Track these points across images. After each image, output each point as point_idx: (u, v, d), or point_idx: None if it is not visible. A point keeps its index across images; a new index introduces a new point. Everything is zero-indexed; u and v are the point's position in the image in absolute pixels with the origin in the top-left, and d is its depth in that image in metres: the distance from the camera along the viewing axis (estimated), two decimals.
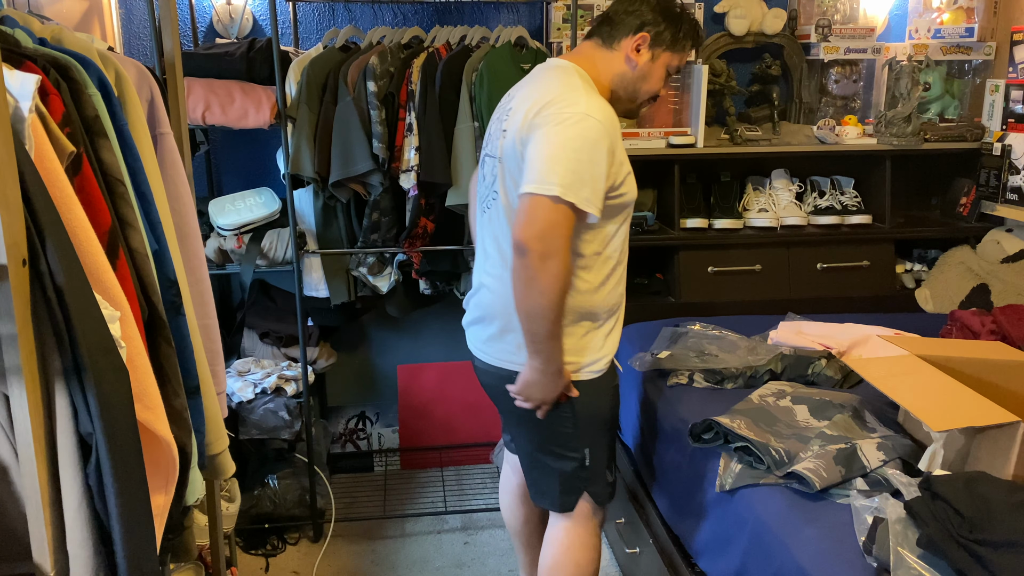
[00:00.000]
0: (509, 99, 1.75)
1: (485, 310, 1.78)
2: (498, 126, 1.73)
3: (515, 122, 1.64)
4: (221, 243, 2.55)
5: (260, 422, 2.49)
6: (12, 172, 0.87)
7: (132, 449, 0.97)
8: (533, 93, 1.65)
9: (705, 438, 1.84)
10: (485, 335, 1.79)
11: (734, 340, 2.28)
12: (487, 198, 1.76)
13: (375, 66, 2.33)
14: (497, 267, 1.73)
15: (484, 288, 1.78)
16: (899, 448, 1.62)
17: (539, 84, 1.69)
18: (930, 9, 2.93)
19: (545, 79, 1.69)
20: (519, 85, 1.77)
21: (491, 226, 1.75)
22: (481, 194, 1.81)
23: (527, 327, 1.62)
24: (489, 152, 1.77)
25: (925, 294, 2.82)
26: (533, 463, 1.85)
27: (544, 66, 1.76)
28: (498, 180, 1.70)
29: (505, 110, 1.73)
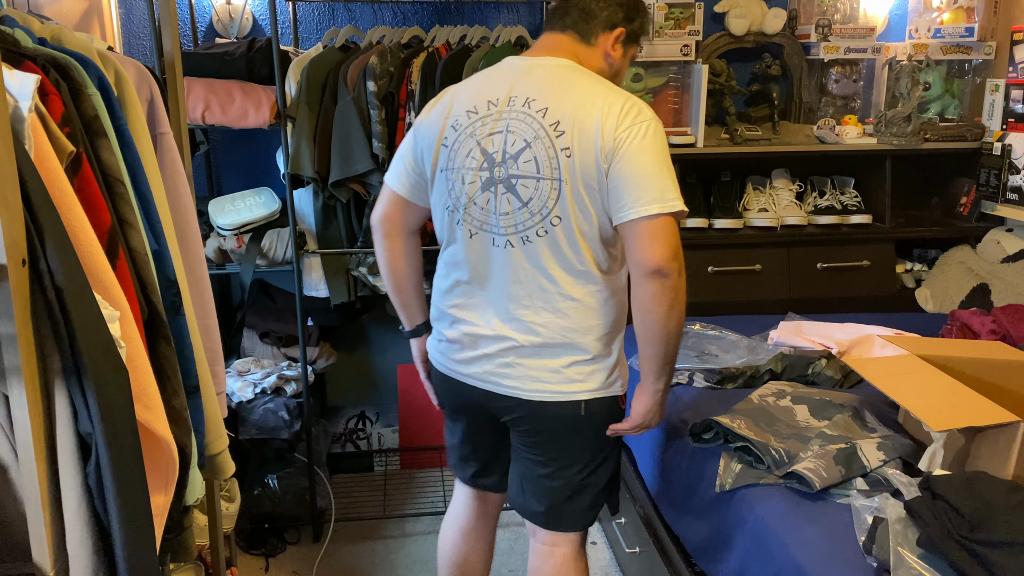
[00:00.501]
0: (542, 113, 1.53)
1: (542, 346, 1.61)
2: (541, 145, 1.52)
3: (586, 139, 1.49)
4: (221, 243, 2.55)
5: (260, 422, 2.49)
6: (12, 172, 0.86)
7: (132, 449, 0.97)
8: (583, 103, 1.51)
9: (705, 438, 1.84)
10: (544, 372, 1.63)
11: (734, 340, 2.28)
12: (525, 227, 1.56)
13: (375, 66, 2.33)
14: (548, 300, 1.59)
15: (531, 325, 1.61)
16: (899, 448, 1.62)
17: (577, 92, 1.53)
18: (930, 9, 2.93)
19: (579, 84, 1.55)
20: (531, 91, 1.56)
21: (536, 256, 1.57)
22: (508, 223, 1.57)
23: (664, 350, 1.58)
24: (525, 173, 1.54)
25: (925, 294, 2.82)
26: (577, 489, 1.73)
27: (554, 66, 1.59)
28: (565, 204, 1.52)
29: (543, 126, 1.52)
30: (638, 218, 1.48)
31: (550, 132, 1.52)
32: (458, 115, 1.60)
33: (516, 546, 2.61)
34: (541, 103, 1.54)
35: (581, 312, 1.59)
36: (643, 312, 1.55)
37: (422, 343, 1.86)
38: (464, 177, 1.59)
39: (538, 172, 1.53)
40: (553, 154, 1.52)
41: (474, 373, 1.69)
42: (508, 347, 1.63)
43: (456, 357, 1.71)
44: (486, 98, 1.59)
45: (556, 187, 1.53)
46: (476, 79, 1.67)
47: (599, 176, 1.50)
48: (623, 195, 1.49)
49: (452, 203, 1.63)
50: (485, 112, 1.58)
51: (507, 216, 1.57)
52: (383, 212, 1.75)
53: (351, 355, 3.14)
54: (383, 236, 1.76)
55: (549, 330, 1.60)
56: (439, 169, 1.63)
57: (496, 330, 1.63)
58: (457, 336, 1.70)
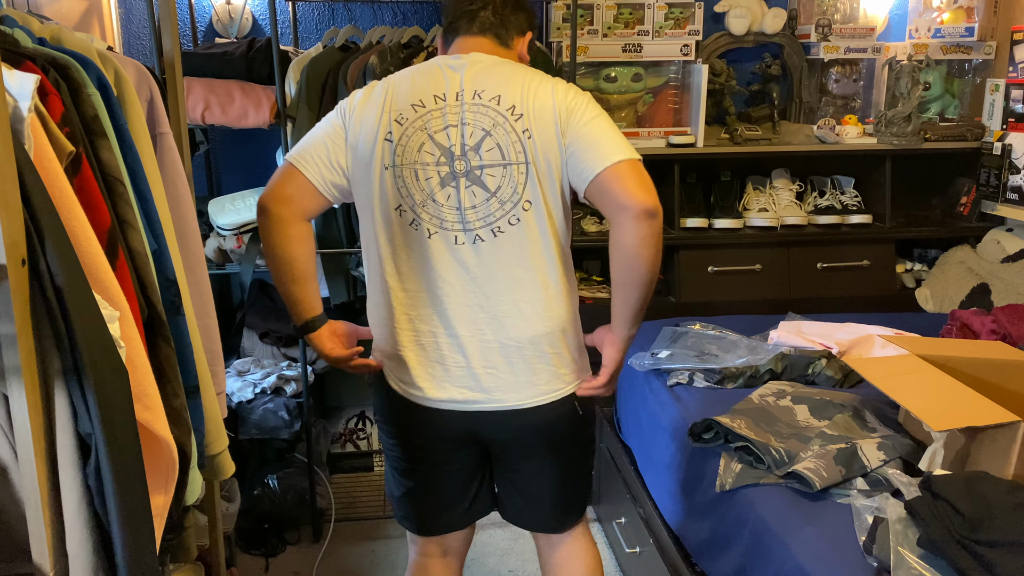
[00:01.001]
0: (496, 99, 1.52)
1: (531, 344, 1.56)
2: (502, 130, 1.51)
3: (542, 119, 1.50)
4: (221, 243, 2.55)
5: (260, 422, 2.49)
6: (11, 172, 0.86)
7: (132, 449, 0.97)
8: (530, 86, 1.53)
9: (705, 438, 1.84)
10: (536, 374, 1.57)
11: (734, 340, 2.28)
12: (493, 219, 1.52)
13: (375, 65, 2.33)
14: (532, 294, 1.55)
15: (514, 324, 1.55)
16: (899, 448, 1.62)
17: (520, 79, 1.54)
18: (930, 8, 2.93)
19: (519, 73, 1.55)
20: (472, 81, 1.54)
21: (514, 249, 1.53)
22: (473, 217, 1.52)
23: (646, 294, 1.53)
24: (489, 162, 1.51)
25: (925, 294, 2.82)
26: (579, 479, 1.73)
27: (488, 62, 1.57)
28: (535, 188, 1.51)
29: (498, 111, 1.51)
30: (617, 161, 1.46)
31: (508, 117, 1.51)
32: (402, 109, 1.52)
33: (516, 546, 2.61)
34: (491, 92, 1.53)
35: (558, 297, 1.57)
36: (631, 257, 1.49)
37: (326, 334, 1.65)
38: (417, 172, 1.52)
39: (504, 158, 1.51)
40: (515, 138, 1.51)
41: (455, 397, 1.57)
42: (492, 354, 1.55)
43: (429, 383, 1.58)
44: (431, 93, 1.53)
45: (524, 170, 1.51)
46: (409, 76, 1.58)
47: (559, 150, 1.51)
48: (590, 152, 1.48)
49: (403, 201, 1.53)
50: (433, 106, 1.53)
51: (473, 209, 1.52)
52: (284, 192, 1.54)
53: None
54: (280, 219, 1.54)
55: (531, 323, 1.55)
56: (383, 166, 1.52)
57: (475, 337, 1.55)
58: (425, 357, 1.57)
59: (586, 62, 2.71)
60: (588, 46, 2.68)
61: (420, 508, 1.74)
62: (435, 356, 1.57)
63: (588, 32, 2.69)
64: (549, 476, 1.69)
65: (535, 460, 1.67)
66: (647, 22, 2.72)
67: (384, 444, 1.74)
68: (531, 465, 1.68)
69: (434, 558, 1.78)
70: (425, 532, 1.76)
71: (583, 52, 2.67)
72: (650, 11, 2.71)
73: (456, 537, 1.78)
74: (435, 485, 1.70)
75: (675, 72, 2.82)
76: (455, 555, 1.81)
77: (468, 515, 1.76)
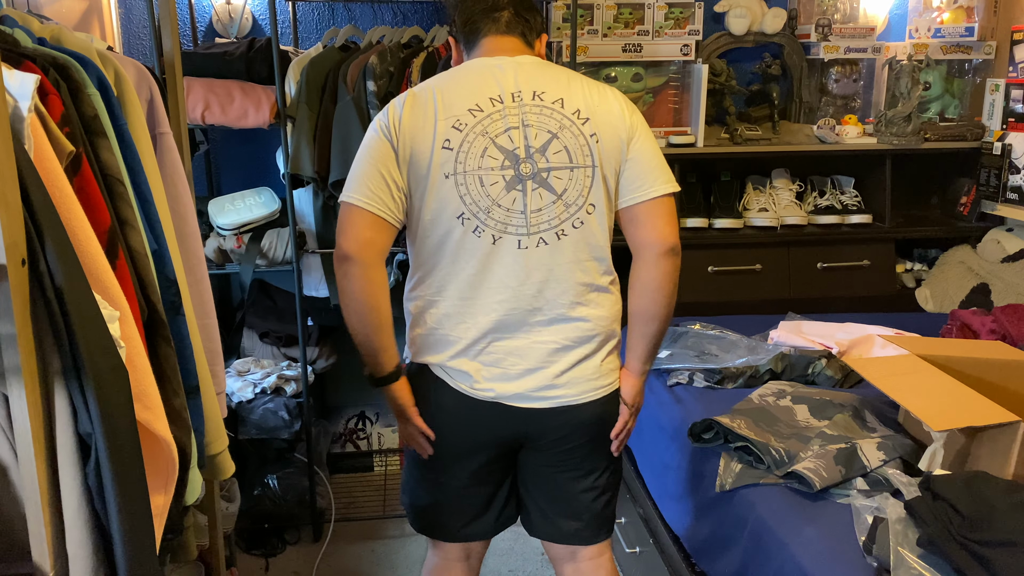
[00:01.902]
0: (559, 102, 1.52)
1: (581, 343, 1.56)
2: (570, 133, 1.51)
3: (608, 125, 1.52)
4: (221, 243, 2.55)
5: (260, 422, 2.49)
6: (11, 172, 0.86)
7: (131, 449, 0.97)
8: (591, 93, 1.55)
9: (705, 438, 1.84)
10: (586, 371, 1.58)
11: (734, 340, 2.28)
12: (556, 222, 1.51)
13: (375, 65, 2.33)
14: (583, 294, 1.55)
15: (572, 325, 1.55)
16: (899, 448, 1.62)
17: (577, 83, 1.56)
18: (930, 8, 2.93)
19: (572, 77, 1.57)
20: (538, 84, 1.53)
21: (572, 250, 1.53)
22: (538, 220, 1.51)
23: (664, 328, 1.62)
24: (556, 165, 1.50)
25: (925, 294, 2.82)
26: (610, 489, 1.71)
27: (534, 62, 1.57)
28: (598, 192, 1.52)
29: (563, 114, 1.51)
30: (658, 196, 1.54)
31: (575, 120, 1.52)
32: (458, 114, 1.48)
33: (516, 546, 2.61)
34: (553, 94, 1.53)
35: (611, 300, 1.61)
36: (653, 292, 1.56)
37: (406, 384, 1.61)
38: (482, 179, 1.48)
39: (571, 161, 1.51)
40: (583, 141, 1.52)
41: (515, 393, 1.55)
42: (552, 355, 1.55)
43: (487, 380, 1.55)
44: (486, 95, 1.50)
45: (590, 174, 1.52)
46: (457, 79, 1.55)
47: (622, 159, 1.55)
48: (641, 175, 1.54)
49: (466, 209, 1.49)
50: (491, 109, 1.50)
51: (539, 212, 1.50)
52: (364, 239, 1.48)
53: (351, 355, 3.12)
54: (364, 267, 1.48)
55: (590, 324, 1.56)
56: (443, 175, 1.48)
57: (535, 340, 1.54)
58: (486, 357, 1.55)
59: (586, 62, 2.71)
60: (588, 46, 2.68)
61: (448, 518, 1.70)
62: (494, 359, 1.55)
63: (588, 32, 2.69)
64: (588, 481, 1.66)
65: (569, 459, 1.64)
66: (647, 22, 2.72)
67: (414, 458, 1.68)
68: (563, 466, 1.64)
69: (457, 562, 1.76)
70: (451, 539, 1.73)
71: (583, 52, 2.67)
72: (650, 11, 2.71)
73: (482, 543, 1.78)
74: (468, 493, 1.67)
75: (675, 72, 2.82)
76: (476, 557, 1.79)
77: (498, 524, 1.73)
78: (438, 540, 1.75)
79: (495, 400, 1.56)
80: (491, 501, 1.69)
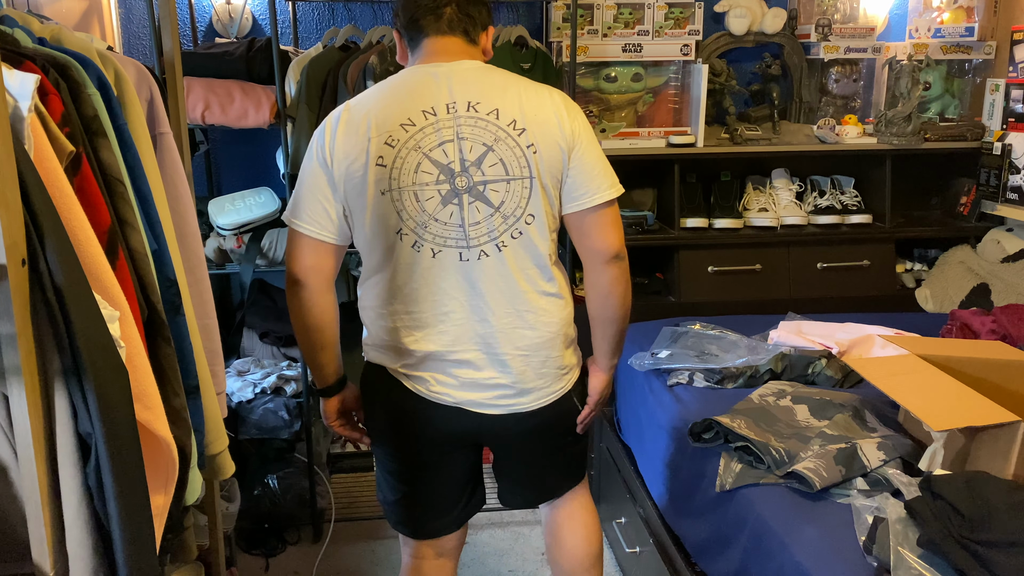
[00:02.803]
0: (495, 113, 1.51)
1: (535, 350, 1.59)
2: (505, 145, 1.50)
3: (548, 135, 1.51)
4: (221, 243, 2.55)
5: (260, 422, 2.49)
6: (12, 172, 0.86)
7: (132, 449, 0.97)
8: (532, 99, 1.53)
9: (705, 438, 1.84)
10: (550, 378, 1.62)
11: (734, 340, 2.28)
12: (496, 234, 1.53)
13: (375, 65, 2.33)
14: (531, 303, 1.57)
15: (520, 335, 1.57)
16: (899, 448, 1.62)
17: (514, 90, 1.53)
18: (930, 8, 2.93)
19: (509, 83, 1.55)
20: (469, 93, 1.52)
21: (515, 261, 1.54)
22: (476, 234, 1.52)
23: (622, 328, 1.67)
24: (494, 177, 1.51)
25: (925, 294, 2.82)
26: (575, 455, 1.81)
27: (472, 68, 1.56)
28: (538, 201, 1.53)
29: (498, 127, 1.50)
30: (601, 203, 1.55)
31: (511, 132, 1.51)
32: (390, 130, 1.48)
33: (516, 546, 2.61)
34: (488, 105, 1.51)
35: (559, 304, 1.62)
36: (604, 296, 1.62)
37: (340, 399, 1.71)
38: (417, 194, 1.49)
39: (507, 174, 1.51)
40: (520, 152, 1.51)
41: (470, 400, 1.60)
42: (503, 364, 1.58)
43: (442, 386, 1.59)
44: (419, 108, 1.50)
45: (528, 185, 1.53)
46: (390, 91, 1.54)
47: (563, 168, 1.55)
48: (583, 183, 1.55)
49: (403, 225, 1.51)
50: (424, 122, 1.49)
51: (477, 225, 1.52)
52: (310, 264, 1.54)
53: (351, 355, 3.13)
54: (312, 291, 1.55)
55: (538, 332, 1.58)
56: (379, 192, 1.49)
57: (485, 350, 1.57)
58: (439, 366, 1.58)
59: (586, 62, 2.71)
60: (588, 46, 2.68)
61: (414, 512, 1.74)
62: (443, 368, 1.59)
63: (588, 32, 2.69)
64: (548, 462, 1.77)
65: (536, 454, 1.73)
66: (647, 22, 2.72)
67: (377, 453, 1.74)
68: (531, 459, 1.75)
69: (428, 560, 1.79)
70: (420, 536, 1.77)
71: (583, 52, 2.67)
72: (650, 11, 2.71)
73: (450, 539, 1.79)
74: (429, 489, 1.71)
75: (675, 72, 2.82)
76: (449, 556, 1.81)
77: (461, 516, 1.78)
78: (408, 538, 1.79)
79: (452, 404, 1.61)
80: (454, 494, 1.74)
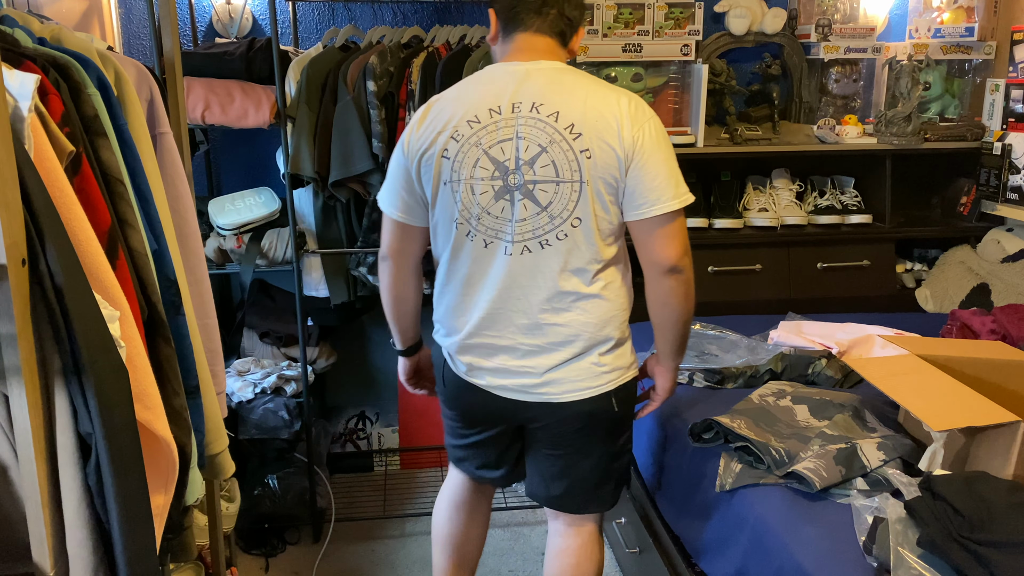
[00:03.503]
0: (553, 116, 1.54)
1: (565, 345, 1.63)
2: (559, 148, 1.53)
3: (602, 140, 1.52)
4: (221, 243, 2.55)
5: (260, 422, 2.49)
6: (12, 172, 0.86)
7: (132, 449, 0.97)
8: (594, 104, 1.54)
9: (705, 438, 1.84)
10: (574, 372, 1.65)
11: (734, 340, 2.28)
12: (540, 232, 1.57)
13: (375, 65, 2.33)
14: (566, 302, 1.61)
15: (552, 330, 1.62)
16: (899, 448, 1.62)
17: (581, 94, 1.55)
18: (930, 8, 2.93)
19: (580, 86, 1.56)
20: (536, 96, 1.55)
21: (552, 260, 1.58)
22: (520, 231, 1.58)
23: (683, 332, 1.68)
24: (543, 178, 1.55)
25: (925, 294, 2.82)
26: (605, 475, 1.77)
27: (550, 69, 1.59)
28: (586, 206, 1.55)
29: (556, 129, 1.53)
30: (658, 215, 1.55)
31: (566, 135, 1.54)
32: (458, 126, 1.57)
33: (516, 546, 2.61)
34: (550, 107, 1.55)
35: (602, 306, 1.63)
36: (661, 306, 1.64)
37: (414, 361, 1.92)
38: (473, 188, 1.57)
39: (557, 176, 1.55)
40: (572, 157, 1.54)
41: (501, 385, 1.68)
42: (534, 355, 1.64)
43: (479, 370, 1.69)
44: (487, 106, 1.56)
45: (577, 189, 1.55)
46: (467, 88, 1.62)
47: (620, 175, 1.55)
48: (643, 193, 1.55)
49: (460, 215, 1.60)
50: (488, 120, 1.56)
51: (523, 222, 1.57)
52: (395, 246, 1.72)
53: (351, 355, 3.14)
54: (396, 268, 1.75)
55: (572, 329, 1.62)
56: (442, 182, 1.60)
57: (519, 340, 1.64)
58: (478, 350, 1.68)
59: (586, 62, 2.71)
60: (588, 46, 2.68)
61: (464, 462, 1.90)
62: (481, 353, 1.68)
63: (588, 32, 2.69)
64: (574, 462, 1.75)
65: (564, 446, 1.73)
66: (647, 22, 2.72)
67: (443, 414, 1.89)
68: (559, 450, 1.74)
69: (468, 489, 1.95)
70: (468, 475, 1.92)
71: (583, 52, 2.67)
72: (650, 11, 2.71)
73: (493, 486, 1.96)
74: (476, 451, 1.85)
75: (675, 72, 2.82)
76: (486, 495, 1.98)
77: (507, 478, 1.89)
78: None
79: (486, 388, 1.70)
80: (500, 460, 1.85)
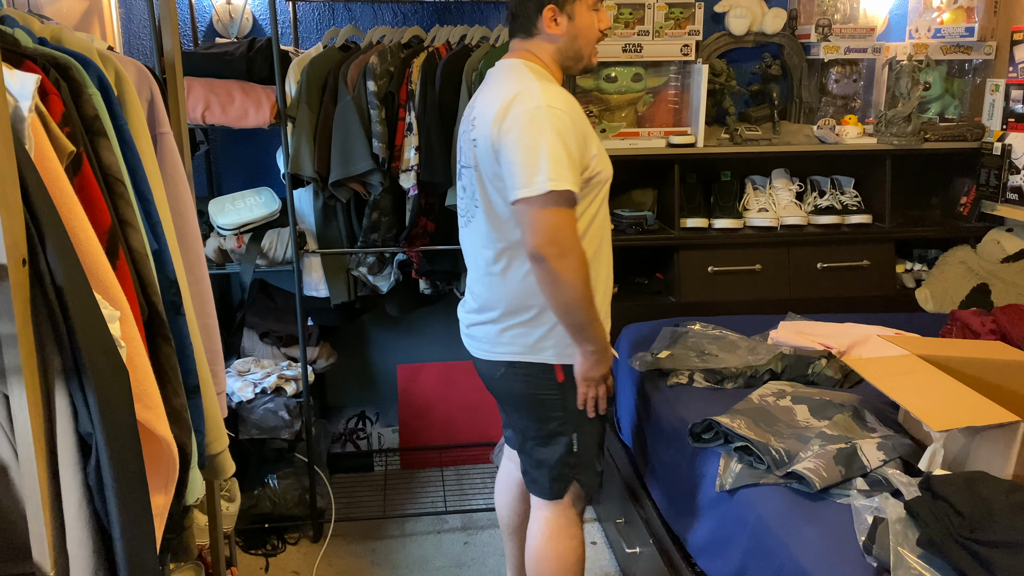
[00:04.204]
0: (471, 109, 1.78)
1: (479, 311, 1.84)
2: (467, 138, 1.76)
3: (483, 131, 1.68)
4: (221, 243, 2.55)
5: (260, 422, 2.49)
6: (12, 172, 0.86)
7: (132, 449, 0.97)
8: (491, 98, 1.68)
9: (705, 438, 1.84)
10: (480, 333, 1.85)
11: (734, 340, 2.28)
12: (468, 210, 1.81)
13: (375, 65, 2.33)
14: (481, 273, 1.81)
15: (473, 294, 1.86)
16: (899, 448, 1.62)
17: (495, 87, 1.72)
18: (930, 9, 2.93)
19: (499, 81, 1.73)
20: (477, 93, 1.80)
21: (474, 236, 1.80)
22: (462, 208, 1.85)
23: (568, 321, 1.69)
24: (464, 163, 1.80)
25: (925, 294, 2.82)
26: (525, 451, 1.90)
27: (495, 68, 1.79)
28: (479, 190, 1.74)
29: (469, 120, 1.76)
30: (514, 202, 1.62)
31: (469, 126, 1.75)
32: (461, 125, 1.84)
33: None
34: (480, 106, 1.73)
35: (501, 284, 1.76)
36: (539, 290, 1.70)
37: None
38: (463, 172, 1.83)
39: (464, 161, 1.80)
40: (470, 146, 1.74)
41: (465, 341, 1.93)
42: (467, 314, 1.89)
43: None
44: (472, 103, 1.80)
45: (475, 174, 1.74)
46: None
47: (494, 165, 1.67)
48: (505, 179, 1.65)
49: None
50: (468, 116, 1.79)
51: (462, 201, 1.84)
52: None
53: (351, 355, 3.14)
54: None
55: (483, 299, 1.81)
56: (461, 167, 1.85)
57: (465, 302, 1.91)
58: None
59: None
60: None
61: None
62: None
63: None
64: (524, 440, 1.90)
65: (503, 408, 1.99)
66: (647, 22, 2.72)
67: None
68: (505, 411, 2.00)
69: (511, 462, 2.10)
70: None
71: None
72: (650, 11, 2.71)
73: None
74: None
75: (675, 72, 2.82)
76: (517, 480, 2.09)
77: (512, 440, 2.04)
78: None
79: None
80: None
